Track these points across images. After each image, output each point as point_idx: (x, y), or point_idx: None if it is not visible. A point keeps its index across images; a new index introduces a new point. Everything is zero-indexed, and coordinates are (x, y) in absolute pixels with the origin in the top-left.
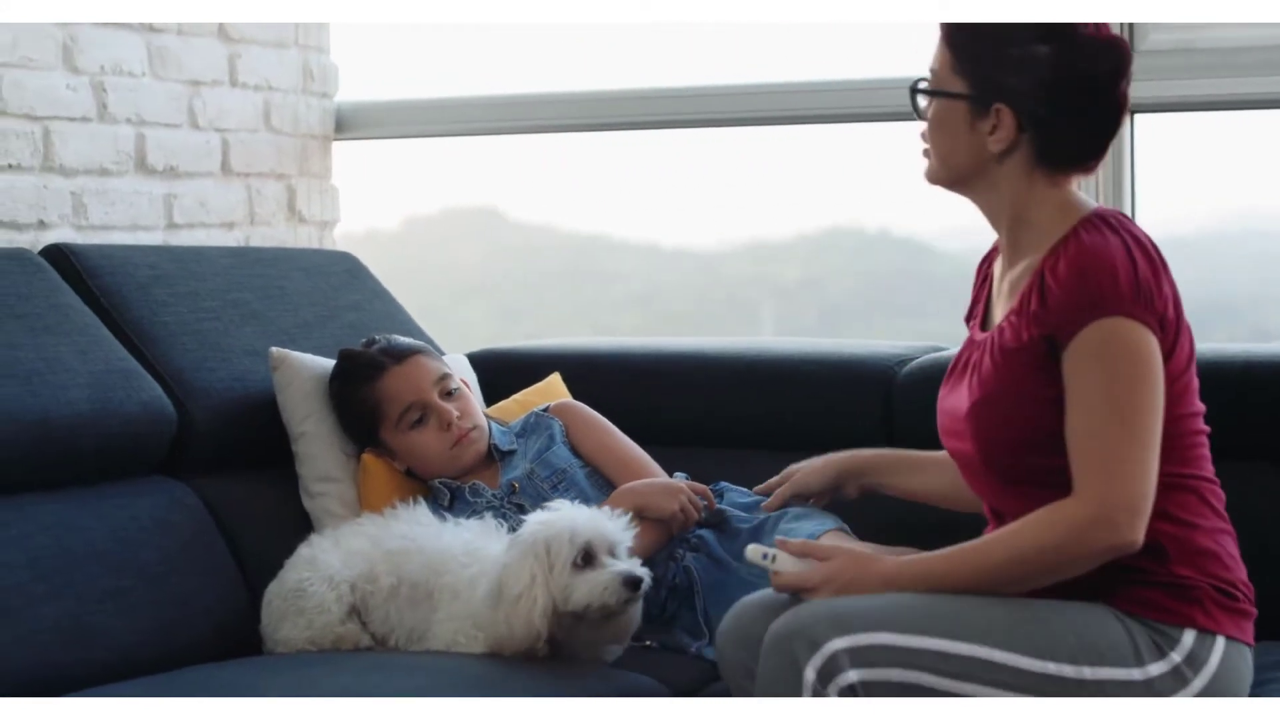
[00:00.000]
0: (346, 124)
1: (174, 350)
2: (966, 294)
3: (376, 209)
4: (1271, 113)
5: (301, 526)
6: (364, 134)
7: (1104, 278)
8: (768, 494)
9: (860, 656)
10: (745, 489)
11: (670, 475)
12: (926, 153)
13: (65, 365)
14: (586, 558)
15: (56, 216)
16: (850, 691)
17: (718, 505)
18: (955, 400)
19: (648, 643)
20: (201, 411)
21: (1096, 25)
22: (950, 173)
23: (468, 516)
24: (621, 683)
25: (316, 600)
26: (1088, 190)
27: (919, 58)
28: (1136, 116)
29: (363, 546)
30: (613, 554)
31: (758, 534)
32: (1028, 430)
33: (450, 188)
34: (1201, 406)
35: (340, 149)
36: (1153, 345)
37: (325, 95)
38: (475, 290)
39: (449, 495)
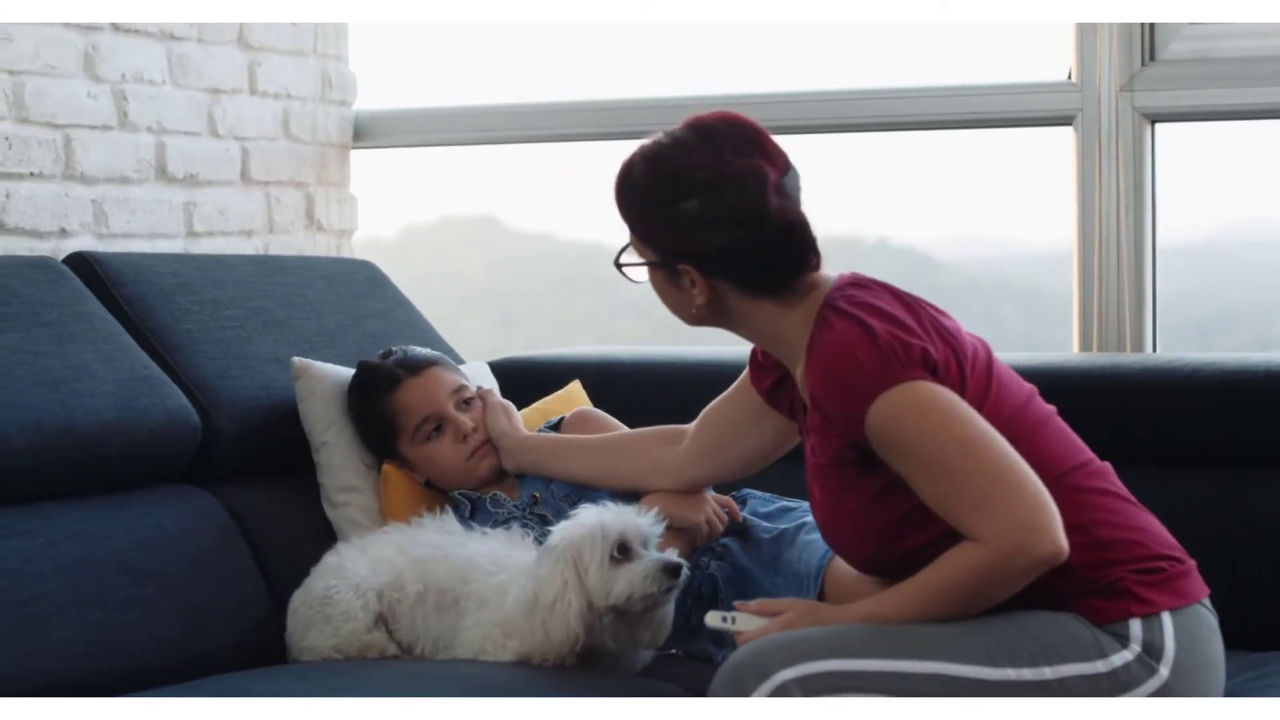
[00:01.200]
0: (365, 132)
1: (198, 358)
2: (965, 303)
3: (393, 217)
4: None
5: (325, 535)
6: (382, 142)
7: (850, 368)
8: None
9: (811, 685)
10: (768, 496)
11: None
12: None
13: (91, 373)
14: (622, 550)
15: (78, 224)
16: None
17: (741, 514)
18: (817, 516)
19: (673, 651)
20: (226, 420)
21: (735, 151)
22: (689, 322)
23: (490, 527)
24: (648, 691)
25: (343, 608)
26: (1108, 199)
27: (915, 67)
28: (1156, 126)
29: (390, 555)
30: (645, 547)
31: (780, 543)
32: (879, 526)
33: (450, 196)
34: (1024, 391)
35: (358, 157)
36: (938, 389)
37: (344, 103)
38: (475, 299)
39: (470, 506)
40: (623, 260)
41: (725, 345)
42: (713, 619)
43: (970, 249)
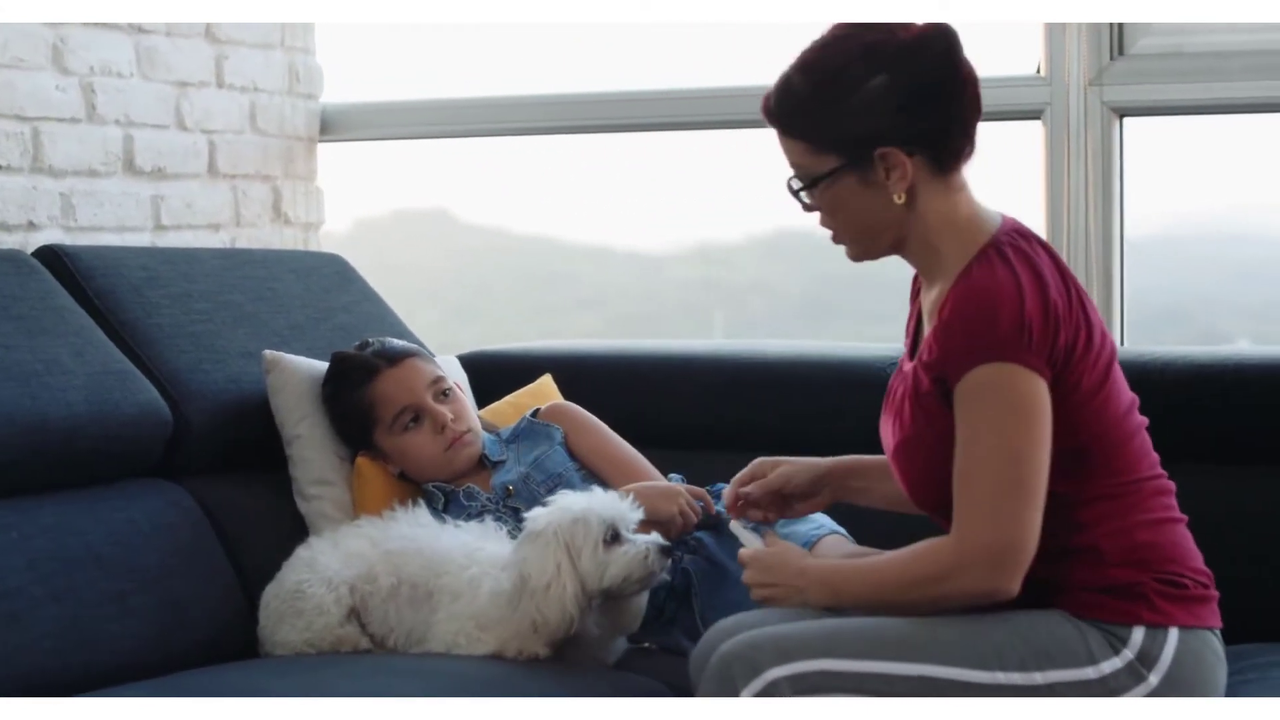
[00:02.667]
0: (331, 126)
1: (169, 352)
2: None
3: (359, 210)
4: (1243, 117)
5: (297, 529)
6: (349, 136)
7: (983, 322)
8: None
9: (801, 684)
10: None
11: (665, 478)
12: (837, 238)
13: (63, 367)
14: (613, 535)
15: (46, 218)
16: None
17: (715, 507)
18: (886, 434)
19: (646, 645)
20: (197, 414)
21: (900, 27)
22: (874, 244)
23: (464, 520)
24: (625, 684)
25: (315, 602)
26: (1076, 193)
27: None
28: (1125, 120)
29: (362, 548)
30: (629, 531)
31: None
32: (944, 469)
33: (406, 190)
34: (1129, 396)
35: (325, 151)
36: (1036, 389)
37: (310, 97)
38: (427, 293)
39: (443, 499)
40: (797, 186)
41: (693, 339)
42: (736, 527)
43: None
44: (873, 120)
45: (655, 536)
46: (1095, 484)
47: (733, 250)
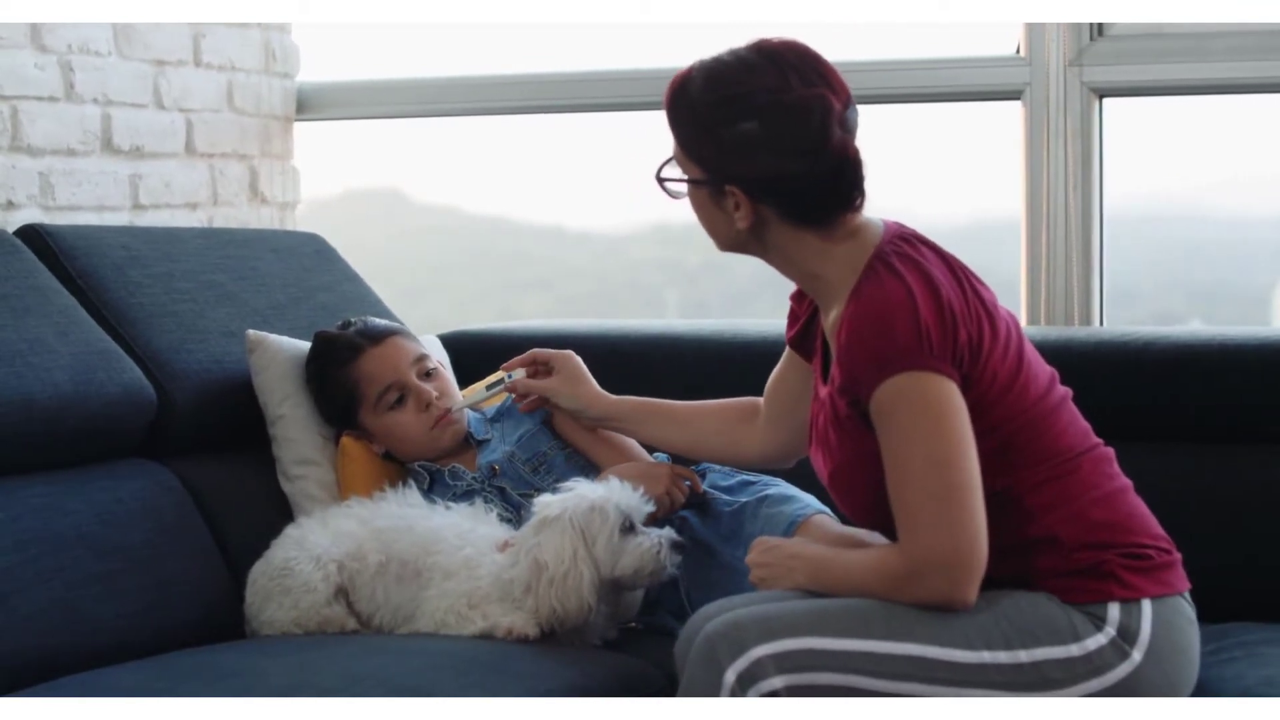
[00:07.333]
0: (308, 104)
1: (152, 332)
2: None
3: (312, 189)
4: (1198, 98)
5: (282, 508)
6: (325, 115)
7: (881, 337)
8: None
9: (786, 661)
10: (728, 470)
11: (650, 457)
12: None
13: (47, 346)
14: (629, 526)
15: (24, 197)
16: (775, 697)
17: (702, 486)
18: (818, 464)
19: (632, 624)
20: (181, 393)
21: (801, 79)
22: (723, 246)
23: (450, 499)
24: (611, 665)
25: (303, 580)
26: (1056, 173)
27: (863, 40)
28: (1104, 100)
29: (351, 527)
30: (641, 522)
31: (740, 516)
32: (878, 485)
33: (354, 169)
34: (1047, 373)
35: (301, 129)
36: (947, 392)
37: (287, 76)
38: (378, 273)
39: (428, 478)
40: (664, 175)
41: (682, 320)
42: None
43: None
44: (731, 160)
45: (669, 531)
46: (1034, 471)
47: (686, 230)
